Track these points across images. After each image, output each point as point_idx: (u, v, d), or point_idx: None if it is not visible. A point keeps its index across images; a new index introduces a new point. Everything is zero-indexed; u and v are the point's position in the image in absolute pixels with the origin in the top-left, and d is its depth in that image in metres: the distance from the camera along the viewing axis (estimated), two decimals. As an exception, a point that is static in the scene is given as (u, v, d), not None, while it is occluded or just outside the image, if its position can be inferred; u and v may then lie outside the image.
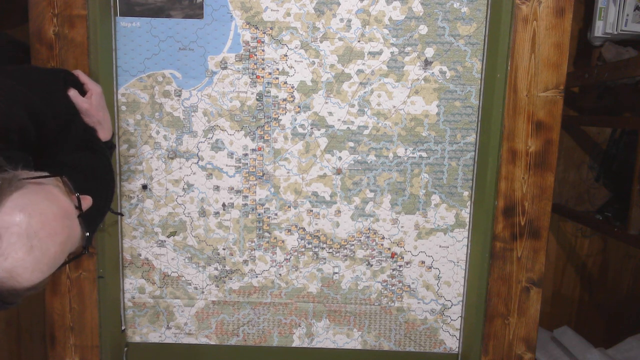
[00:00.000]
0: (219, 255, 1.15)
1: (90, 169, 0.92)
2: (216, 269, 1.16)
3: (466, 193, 1.12)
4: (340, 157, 1.11)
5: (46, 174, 0.70)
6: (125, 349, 1.19)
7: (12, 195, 0.63)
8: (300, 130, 1.10)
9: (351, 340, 1.20)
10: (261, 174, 1.12)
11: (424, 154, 1.11)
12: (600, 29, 1.72)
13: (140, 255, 1.16)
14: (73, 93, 0.90)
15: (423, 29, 1.06)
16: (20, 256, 0.62)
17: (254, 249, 1.15)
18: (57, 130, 0.86)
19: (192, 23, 1.06)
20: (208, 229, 1.14)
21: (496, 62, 1.05)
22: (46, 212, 0.65)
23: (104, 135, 0.96)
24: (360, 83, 1.08)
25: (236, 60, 1.08)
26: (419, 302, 1.17)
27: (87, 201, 0.75)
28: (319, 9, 1.06)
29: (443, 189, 1.12)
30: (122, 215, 1.12)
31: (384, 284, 1.17)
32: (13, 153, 0.73)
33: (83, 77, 0.94)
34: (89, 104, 0.92)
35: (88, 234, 0.74)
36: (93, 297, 1.13)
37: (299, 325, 1.19)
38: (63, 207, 0.68)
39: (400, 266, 1.16)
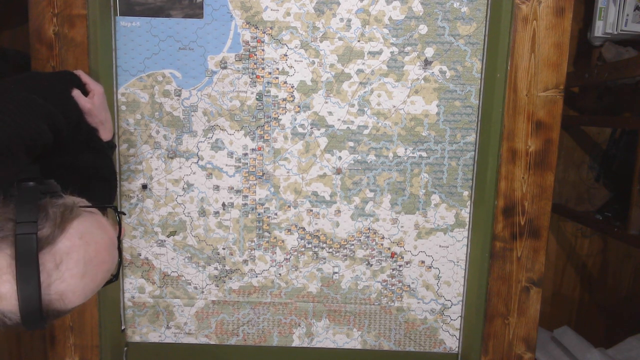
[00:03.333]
0: (218, 255, 1.15)
1: (94, 169, 0.92)
2: (216, 268, 1.16)
3: (466, 193, 1.12)
4: (340, 156, 1.11)
5: (100, 204, 0.75)
6: (125, 348, 1.19)
7: (73, 222, 0.67)
8: (300, 130, 1.10)
9: (351, 340, 1.20)
10: (261, 174, 1.12)
11: (424, 154, 1.11)
12: (600, 29, 1.72)
13: (140, 255, 1.16)
14: (76, 93, 0.90)
15: (423, 29, 1.06)
16: (74, 282, 0.66)
17: (254, 249, 1.15)
18: (70, 135, 0.85)
19: (192, 23, 1.06)
20: (208, 228, 1.14)
21: (496, 62, 1.05)
22: (99, 241, 0.70)
23: (105, 135, 0.96)
24: (360, 83, 1.08)
25: (236, 60, 1.08)
26: (418, 302, 1.17)
27: (124, 232, 0.80)
28: (318, 9, 1.06)
29: (443, 189, 1.12)
30: (124, 214, 1.12)
31: (384, 283, 1.17)
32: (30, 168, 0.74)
33: (85, 77, 0.94)
34: (91, 104, 0.92)
35: (119, 259, 0.78)
36: (93, 297, 1.13)
37: (299, 325, 1.19)
38: (111, 237, 0.73)
39: (400, 266, 1.16)
